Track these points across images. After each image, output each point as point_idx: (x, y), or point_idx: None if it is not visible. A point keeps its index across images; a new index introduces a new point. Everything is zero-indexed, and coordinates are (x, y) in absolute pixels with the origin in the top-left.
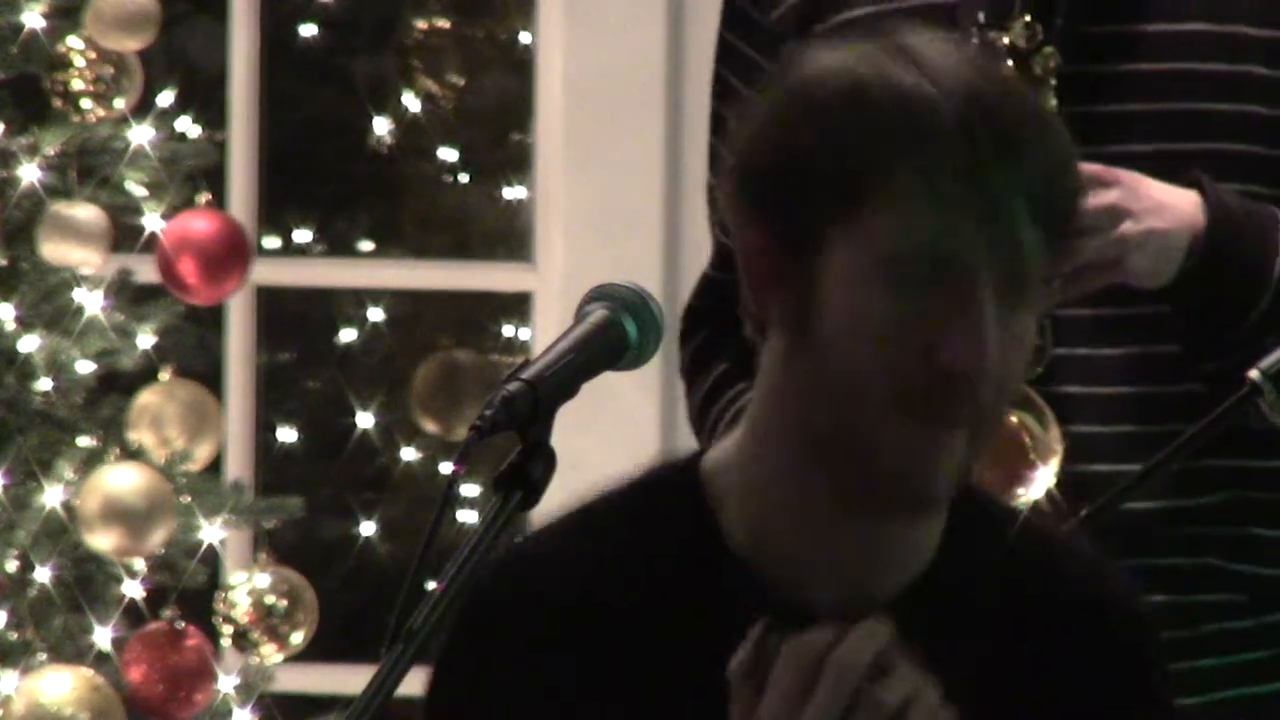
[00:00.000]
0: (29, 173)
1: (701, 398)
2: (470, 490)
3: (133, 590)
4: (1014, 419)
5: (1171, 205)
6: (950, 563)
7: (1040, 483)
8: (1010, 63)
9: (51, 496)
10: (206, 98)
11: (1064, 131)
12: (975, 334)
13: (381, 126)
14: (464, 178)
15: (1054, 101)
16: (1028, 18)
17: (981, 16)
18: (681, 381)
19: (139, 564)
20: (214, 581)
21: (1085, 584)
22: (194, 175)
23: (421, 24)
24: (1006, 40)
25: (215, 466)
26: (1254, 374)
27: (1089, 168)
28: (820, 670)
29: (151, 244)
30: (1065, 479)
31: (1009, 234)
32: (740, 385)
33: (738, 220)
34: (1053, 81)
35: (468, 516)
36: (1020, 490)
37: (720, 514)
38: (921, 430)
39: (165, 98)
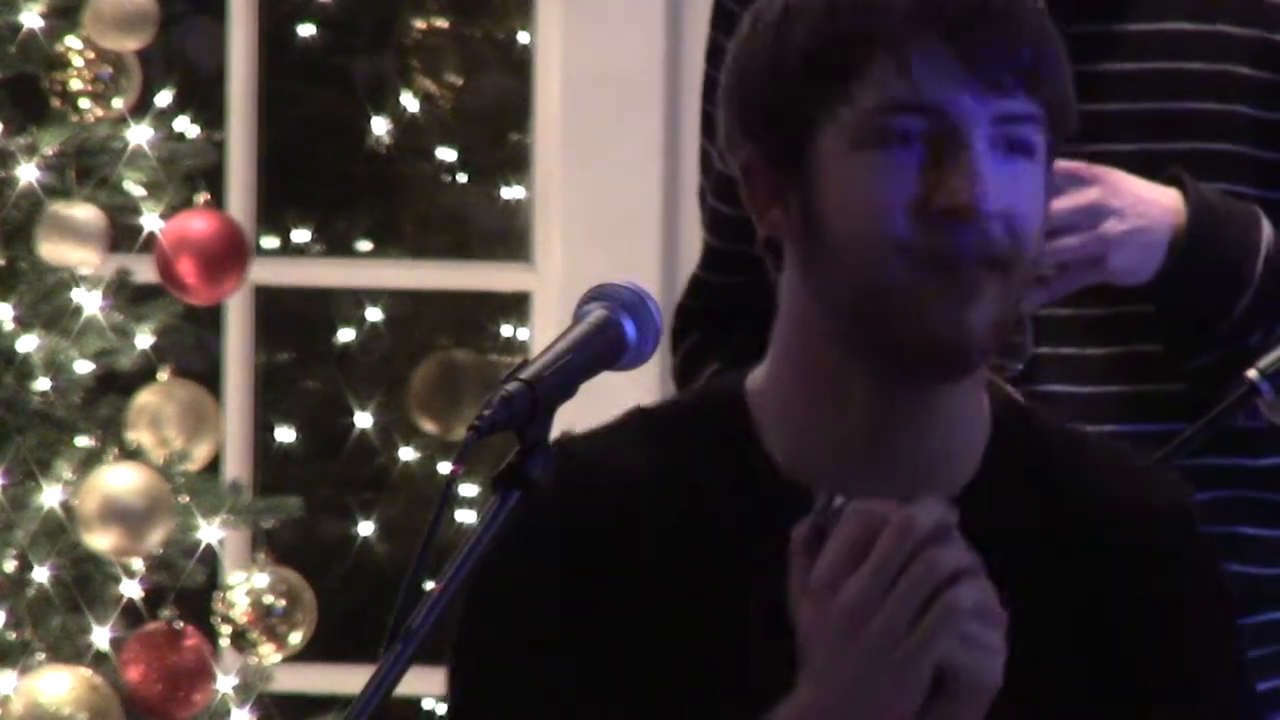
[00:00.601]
0: (27, 172)
1: None
2: (469, 490)
3: (131, 590)
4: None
5: (1152, 202)
6: (993, 475)
7: None
8: None
9: (50, 496)
10: (205, 97)
11: (1042, 14)
12: (967, 171)
13: (380, 126)
14: (462, 178)
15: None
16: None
17: None
18: (673, 380)
19: (137, 564)
20: (212, 581)
21: (1135, 488)
22: (192, 175)
23: (420, 24)
24: None
25: (214, 466)
26: (1252, 373)
27: (1068, 165)
28: (879, 533)
29: (150, 244)
30: None
31: (993, 86)
32: None
33: (732, 146)
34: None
35: (466, 516)
36: None
37: (763, 434)
38: (939, 279)
39: (164, 97)
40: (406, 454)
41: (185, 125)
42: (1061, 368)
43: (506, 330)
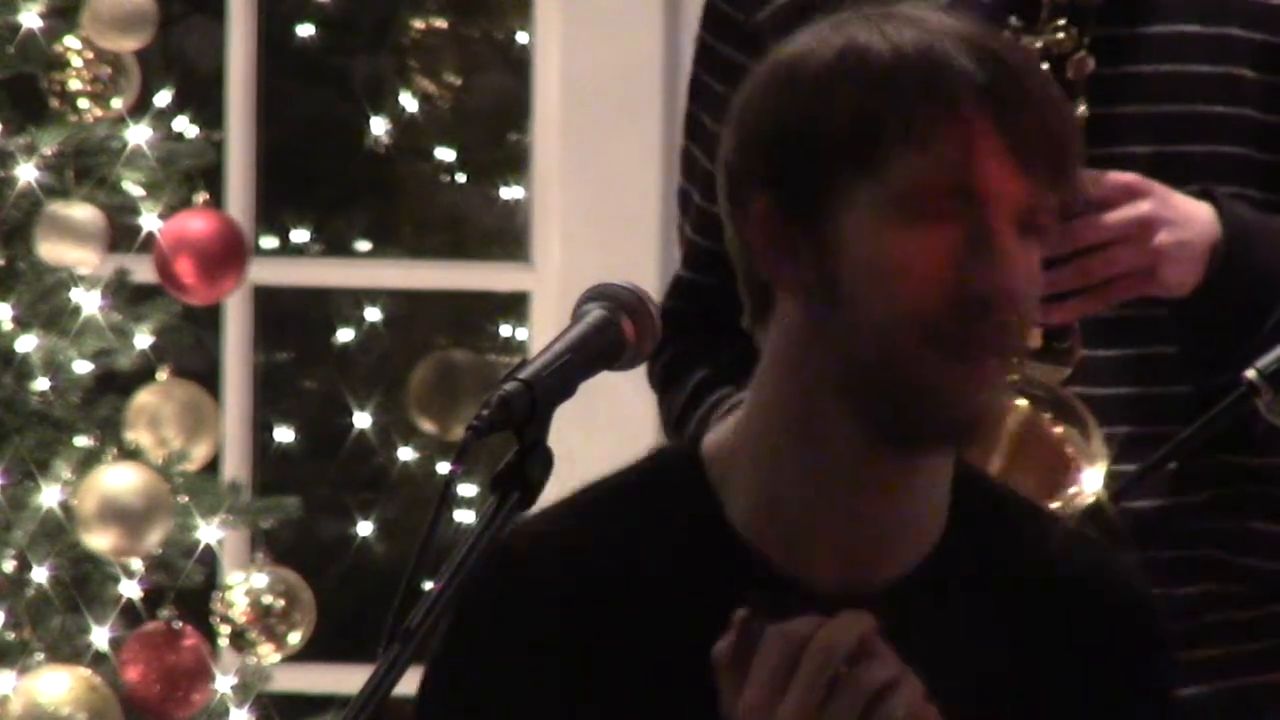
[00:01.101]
0: (26, 172)
1: (683, 403)
2: (468, 490)
3: (130, 590)
4: (1058, 430)
5: (1196, 217)
6: (950, 550)
7: (1087, 489)
8: (1044, 67)
9: (49, 496)
10: (204, 97)
11: (1060, 88)
12: (1001, 259)
13: (379, 126)
14: (461, 177)
15: (1083, 107)
16: (1062, 21)
17: (1014, 20)
18: (652, 386)
19: (136, 564)
20: (211, 581)
21: (1092, 574)
22: (191, 175)
23: (419, 24)
24: (1040, 44)
25: (212, 466)
26: (1250, 374)
27: (1123, 177)
28: (801, 655)
29: (149, 244)
30: None
31: (1023, 167)
32: (723, 390)
33: (743, 194)
34: (1082, 86)
35: (465, 516)
36: (1060, 501)
37: (722, 496)
38: (964, 364)
39: (162, 97)
40: (405, 454)
41: (184, 125)
42: (1075, 370)
43: (505, 330)
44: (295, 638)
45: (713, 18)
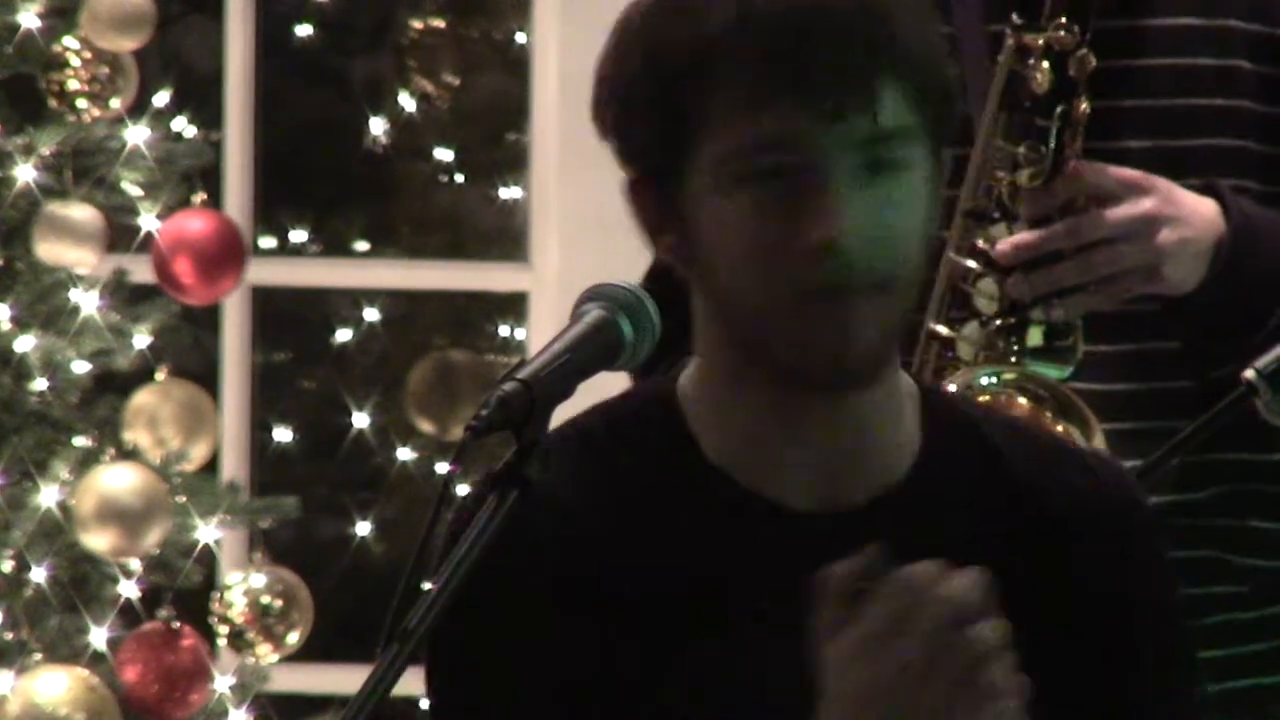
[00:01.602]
0: (24, 173)
1: None
2: (466, 490)
3: (128, 590)
4: (1059, 428)
5: (1201, 213)
6: (926, 467)
7: None
8: (1045, 65)
9: (47, 496)
10: (202, 98)
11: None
12: (823, 206)
13: (377, 126)
14: (459, 178)
15: (1085, 105)
16: (1063, 19)
17: (1015, 17)
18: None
19: (134, 564)
20: (210, 581)
21: (1074, 475)
22: (189, 175)
23: (417, 24)
24: (1041, 41)
25: (211, 466)
26: (1249, 373)
27: (1127, 173)
28: (918, 605)
29: (147, 244)
30: None
31: (836, 113)
32: None
33: (623, 167)
34: (1084, 83)
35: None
36: None
37: (697, 431)
38: (814, 309)
39: (161, 98)
40: (404, 454)
41: (182, 125)
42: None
43: (504, 330)
44: (294, 638)
45: None
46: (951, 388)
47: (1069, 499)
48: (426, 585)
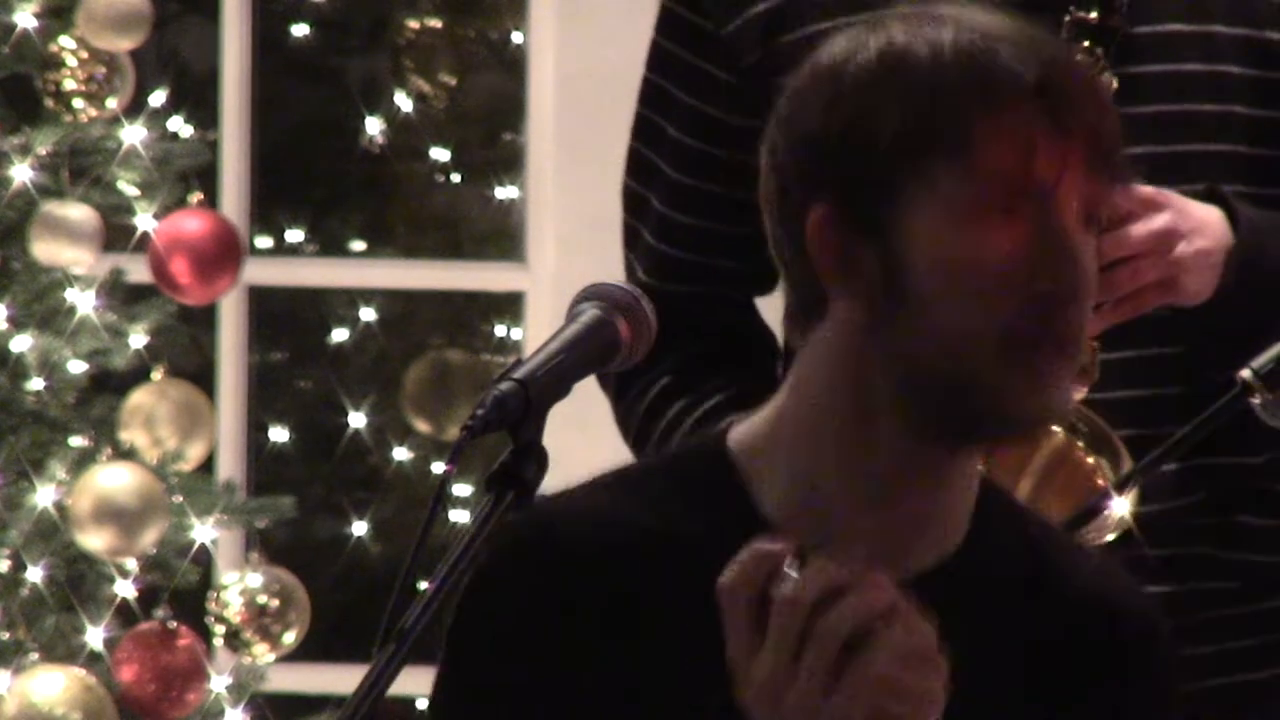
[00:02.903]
0: (21, 172)
1: (643, 414)
2: (462, 490)
3: (125, 590)
4: (1090, 460)
5: (1212, 223)
6: (974, 549)
7: (1113, 522)
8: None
9: (44, 496)
10: (198, 97)
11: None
12: (1070, 255)
13: (373, 126)
14: (456, 177)
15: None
16: (1086, 43)
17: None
18: (604, 390)
19: (131, 564)
20: (206, 581)
21: (1105, 586)
22: (186, 175)
23: (413, 24)
24: (1094, 15)
25: (207, 466)
26: (1245, 373)
27: (1143, 190)
28: (812, 626)
29: (143, 244)
30: None
31: (1081, 162)
32: (681, 401)
33: (798, 201)
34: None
35: (460, 516)
36: (1088, 529)
37: (753, 487)
38: (1032, 360)
39: (157, 97)
40: (400, 454)
41: (179, 125)
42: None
43: (500, 330)
44: (290, 637)
45: (674, 24)
46: None
47: (1097, 612)
48: (423, 585)
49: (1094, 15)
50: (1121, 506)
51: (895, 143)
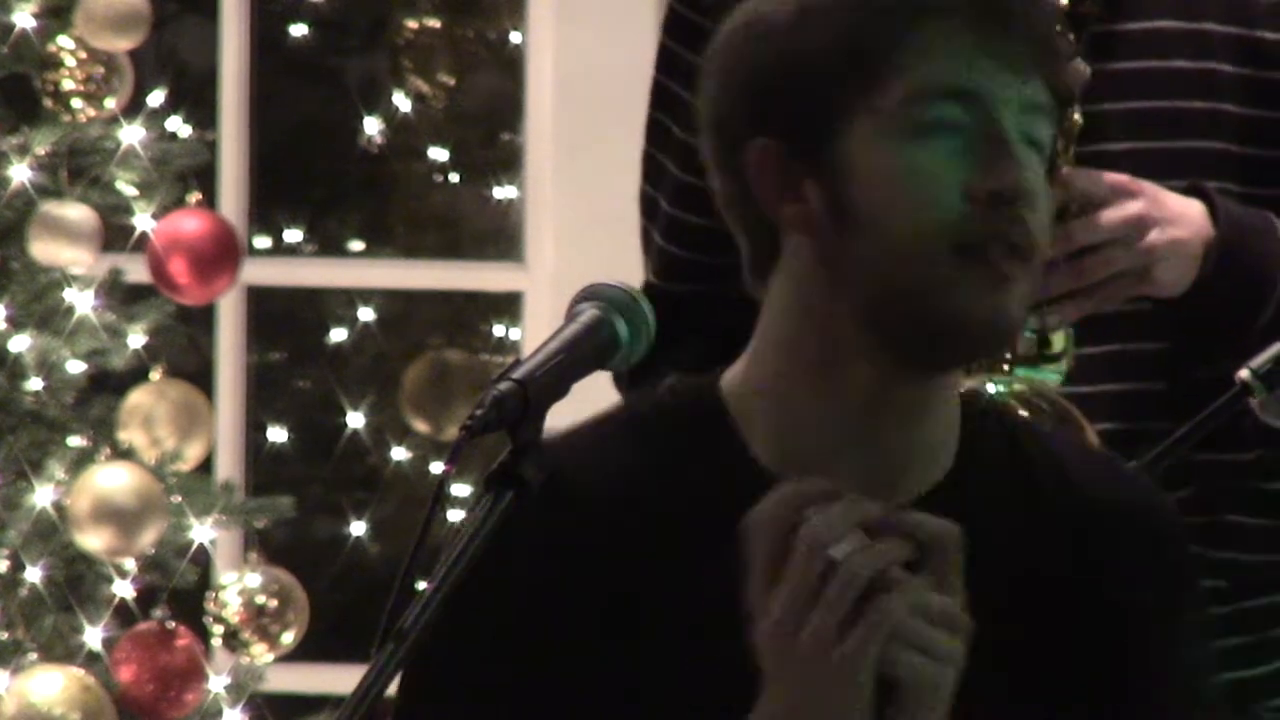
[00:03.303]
0: (19, 172)
1: None
2: (461, 490)
3: (123, 590)
4: None
5: (1188, 215)
6: (967, 469)
7: None
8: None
9: (42, 496)
10: (197, 97)
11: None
12: (1007, 157)
13: (372, 126)
14: (454, 177)
15: (1078, 115)
16: (1058, 28)
17: None
18: (617, 389)
19: (130, 564)
20: (205, 581)
21: (1107, 482)
22: (184, 175)
23: (412, 24)
24: (1064, 1)
25: (206, 466)
26: (1244, 373)
27: (1114, 177)
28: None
29: (142, 244)
30: None
31: (1018, 72)
32: None
33: (736, 141)
34: (1078, 93)
35: (458, 516)
36: None
37: (744, 430)
38: (980, 266)
39: (156, 97)
40: (398, 454)
41: (177, 125)
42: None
43: (498, 330)
44: (288, 637)
45: (679, 24)
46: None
47: (1102, 505)
48: (421, 585)
49: (1066, 1)
50: None
51: (827, 65)
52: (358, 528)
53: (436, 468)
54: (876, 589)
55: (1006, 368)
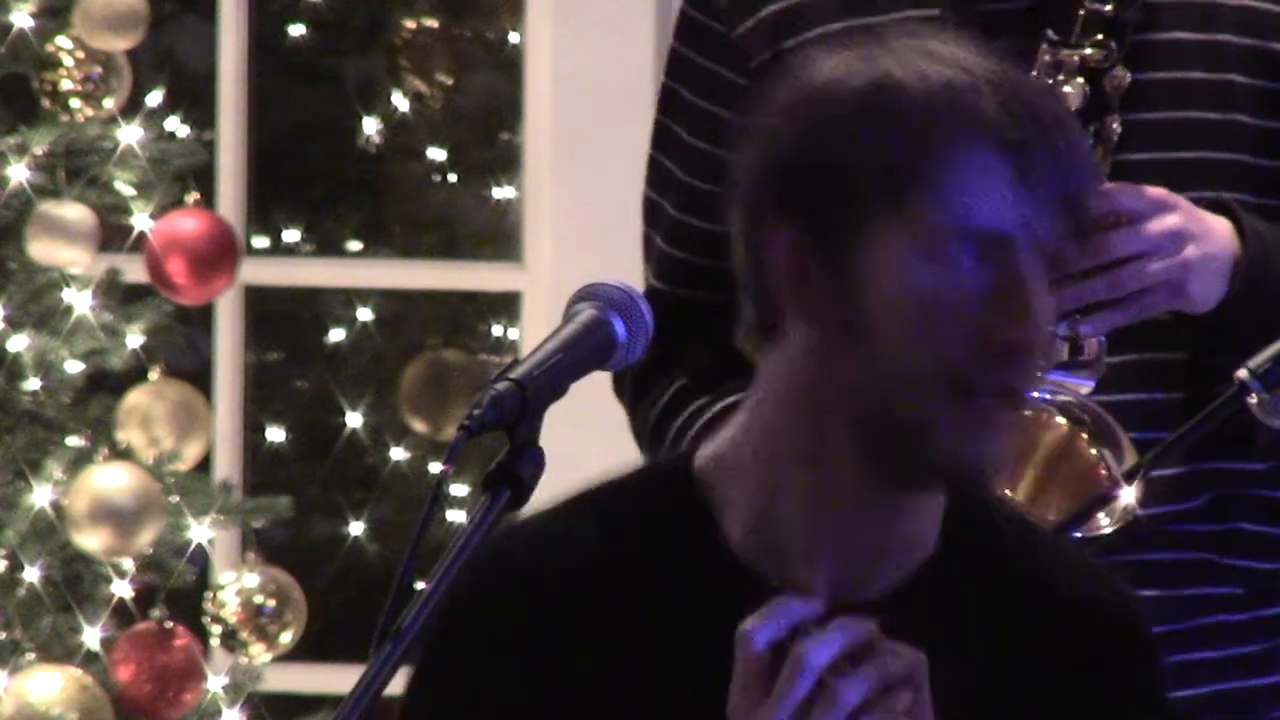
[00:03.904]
0: (17, 172)
1: (659, 412)
2: (459, 490)
3: (121, 590)
4: (1093, 452)
5: (1218, 231)
6: (944, 565)
7: (1119, 512)
8: (1080, 80)
9: (40, 496)
10: (195, 97)
11: (1081, 128)
12: (1029, 309)
13: (370, 126)
14: (452, 177)
15: (1117, 123)
16: (1100, 35)
17: (1049, 33)
18: (618, 395)
19: (127, 564)
20: (203, 581)
21: (1085, 585)
22: (182, 175)
23: (410, 24)
24: (1076, 58)
25: (204, 466)
26: (1242, 373)
27: (1152, 191)
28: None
29: (140, 243)
30: None
31: (1046, 213)
32: (699, 400)
33: (765, 221)
34: (1118, 100)
35: (456, 516)
36: (1089, 524)
37: (717, 511)
38: (978, 408)
39: (154, 97)
40: (397, 454)
41: (175, 125)
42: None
43: (496, 330)
44: (286, 637)
45: (690, 29)
46: None
47: (1079, 612)
48: (419, 585)
49: (1109, 8)
50: (1129, 496)
51: (870, 172)
52: (356, 527)
53: (435, 467)
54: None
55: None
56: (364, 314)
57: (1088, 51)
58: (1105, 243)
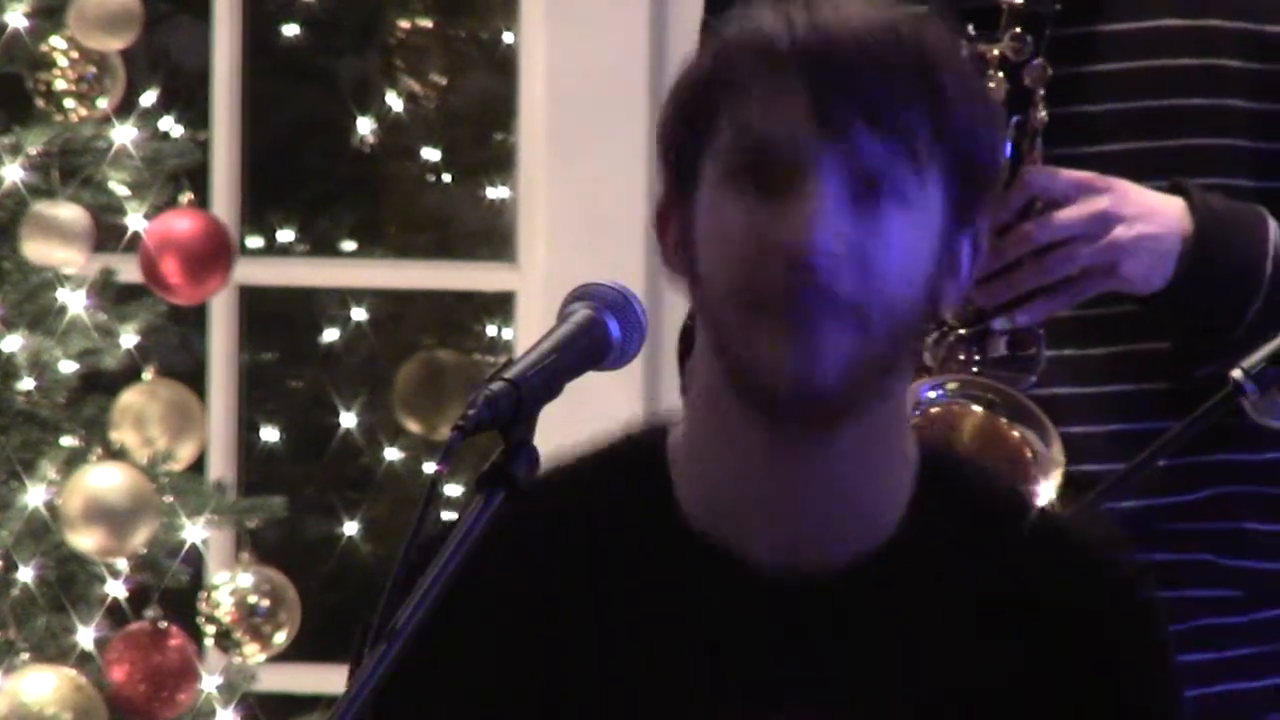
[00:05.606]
0: (12, 172)
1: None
2: (453, 490)
3: (115, 590)
4: (1016, 434)
5: (1162, 210)
6: (912, 541)
7: (1042, 497)
8: (1000, 74)
9: (34, 496)
10: (189, 97)
11: (957, 72)
12: (805, 220)
13: (364, 126)
14: (447, 177)
15: (1043, 113)
16: (1017, 29)
17: (970, 29)
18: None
19: (122, 564)
20: (197, 581)
21: (1062, 575)
22: (177, 175)
23: (404, 23)
24: (996, 52)
25: (198, 466)
26: (1236, 373)
27: (1078, 175)
28: None
29: (134, 244)
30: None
31: (840, 129)
32: None
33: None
34: (1041, 92)
35: (450, 516)
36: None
37: (677, 480)
38: (779, 324)
39: (148, 97)
40: (391, 454)
41: (170, 125)
42: (1066, 369)
43: (491, 330)
44: (281, 637)
45: (720, 4)
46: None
47: (1063, 591)
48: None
49: (1023, 1)
50: (1047, 491)
51: (691, 120)
52: (350, 527)
53: (429, 468)
54: None
55: (976, 369)
56: (358, 314)
57: (1006, 45)
58: (1025, 231)
